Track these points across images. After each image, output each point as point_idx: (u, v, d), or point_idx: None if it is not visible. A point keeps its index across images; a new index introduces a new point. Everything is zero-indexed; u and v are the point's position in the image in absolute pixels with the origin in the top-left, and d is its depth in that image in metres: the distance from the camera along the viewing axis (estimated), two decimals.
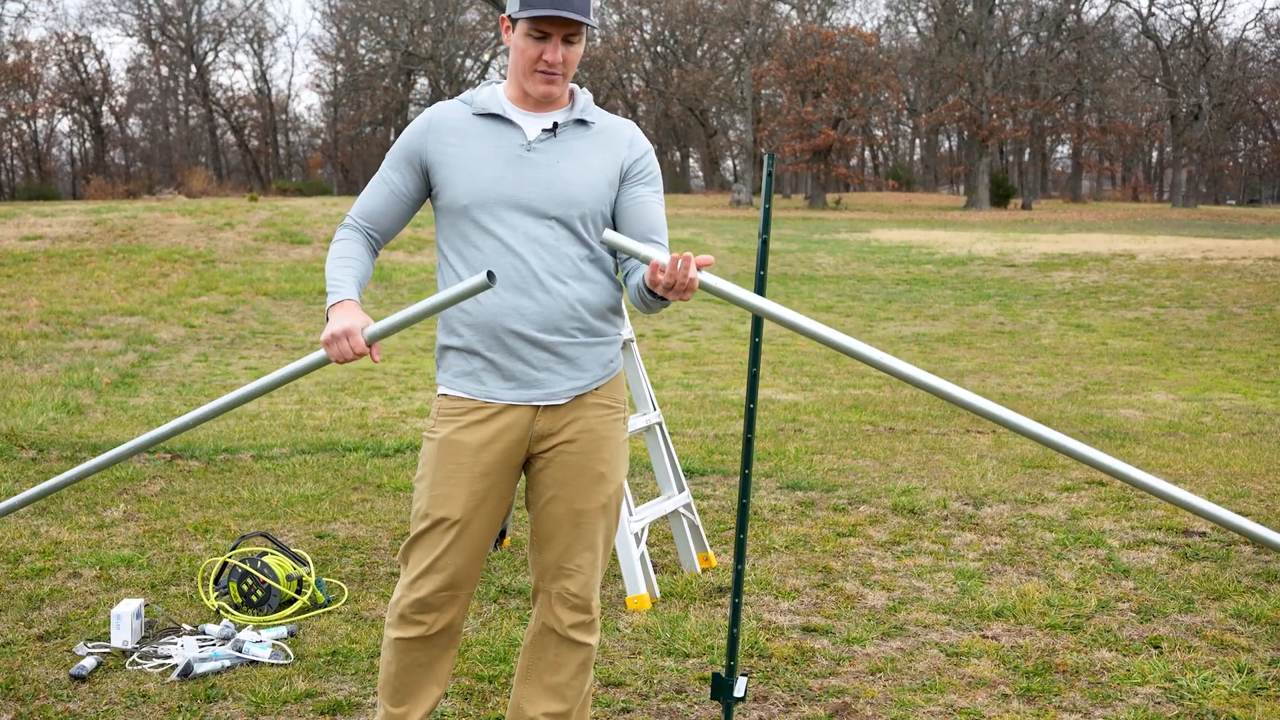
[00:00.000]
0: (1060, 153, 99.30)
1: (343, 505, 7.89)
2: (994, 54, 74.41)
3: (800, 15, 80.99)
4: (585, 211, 3.65)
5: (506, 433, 3.71)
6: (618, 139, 3.75)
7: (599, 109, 3.79)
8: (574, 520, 3.78)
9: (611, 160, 3.71)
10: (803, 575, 6.41)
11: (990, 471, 8.94)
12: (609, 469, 3.80)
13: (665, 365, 15.46)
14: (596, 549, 3.83)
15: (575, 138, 3.69)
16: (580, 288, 3.66)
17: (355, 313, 3.51)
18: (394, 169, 3.75)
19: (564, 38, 3.55)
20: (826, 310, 21.84)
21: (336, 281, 3.63)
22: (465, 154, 3.64)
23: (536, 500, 3.83)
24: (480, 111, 3.67)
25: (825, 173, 73.39)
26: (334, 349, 3.48)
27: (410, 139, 3.73)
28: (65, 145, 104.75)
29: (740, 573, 4.34)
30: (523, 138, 3.65)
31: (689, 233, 35.13)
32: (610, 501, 3.82)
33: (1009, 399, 12.80)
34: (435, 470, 3.74)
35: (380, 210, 3.78)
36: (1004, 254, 30.07)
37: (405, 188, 3.74)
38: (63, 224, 27.37)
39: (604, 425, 3.79)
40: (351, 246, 3.74)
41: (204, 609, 5.86)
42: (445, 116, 3.71)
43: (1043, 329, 19.64)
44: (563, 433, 3.75)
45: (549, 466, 3.78)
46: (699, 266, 3.30)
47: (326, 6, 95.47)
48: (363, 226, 3.79)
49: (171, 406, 12.12)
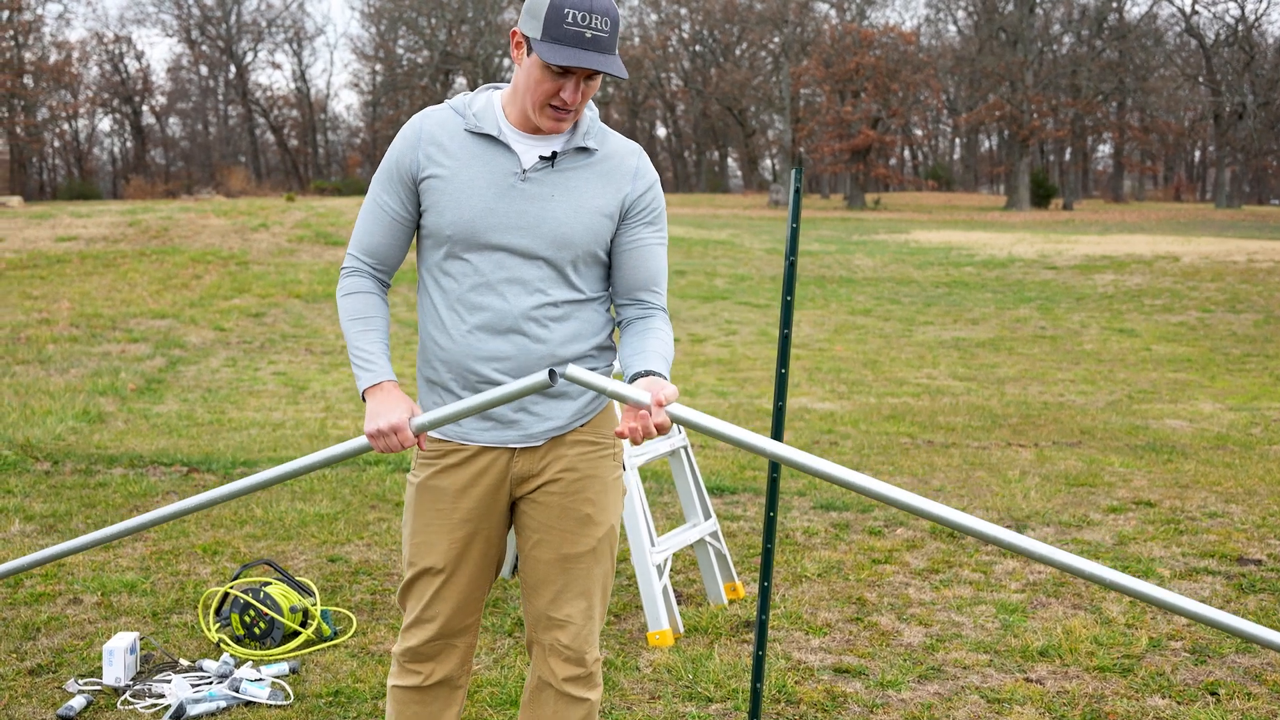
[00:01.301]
0: (1101, 152, 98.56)
1: (358, 526, 7.61)
2: (1035, 53, 73.73)
3: (839, 14, 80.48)
4: (578, 254, 3.34)
5: (484, 476, 3.43)
6: (621, 170, 3.40)
7: (603, 127, 3.43)
8: (561, 566, 3.48)
9: (613, 195, 3.38)
10: (835, 608, 6.08)
11: (1033, 490, 8.59)
12: (596, 509, 3.49)
13: (700, 371, 15.16)
14: (590, 597, 3.52)
15: (575, 167, 3.35)
16: (563, 330, 3.36)
17: (398, 401, 3.27)
18: (387, 192, 3.40)
19: (586, 76, 3.20)
20: (865, 314, 21.49)
21: (366, 356, 3.35)
22: (454, 178, 3.31)
23: (523, 546, 3.54)
24: (474, 129, 3.32)
25: (864, 173, 72.91)
26: (380, 444, 3.25)
27: (399, 155, 3.37)
28: (106, 145, 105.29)
29: (761, 658, 4.03)
30: (517, 165, 3.31)
31: (726, 234, 34.79)
32: (601, 545, 3.51)
33: (1051, 408, 12.46)
34: (415, 517, 3.49)
35: (382, 242, 3.44)
36: (1045, 256, 29.61)
37: (404, 211, 3.40)
38: (98, 225, 27.27)
39: (588, 463, 3.48)
40: (366, 301, 3.44)
41: (205, 641, 5.58)
42: (435, 130, 3.36)
43: (1085, 334, 19.24)
44: (544, 473, 3.45)
45: (532, 509, 3.49)
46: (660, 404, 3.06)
47: (365, 6, 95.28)
48: (368, 266, 3.47)
49: (195, 414, 11.90)
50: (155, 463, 9.42)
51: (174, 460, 9.48)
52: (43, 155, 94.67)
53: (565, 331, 3.35)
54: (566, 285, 3.34)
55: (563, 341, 3.35)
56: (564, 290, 3.34)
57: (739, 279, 25.36)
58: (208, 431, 10.99)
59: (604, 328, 3.46)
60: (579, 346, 3.38)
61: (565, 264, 3.32)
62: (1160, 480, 9.01)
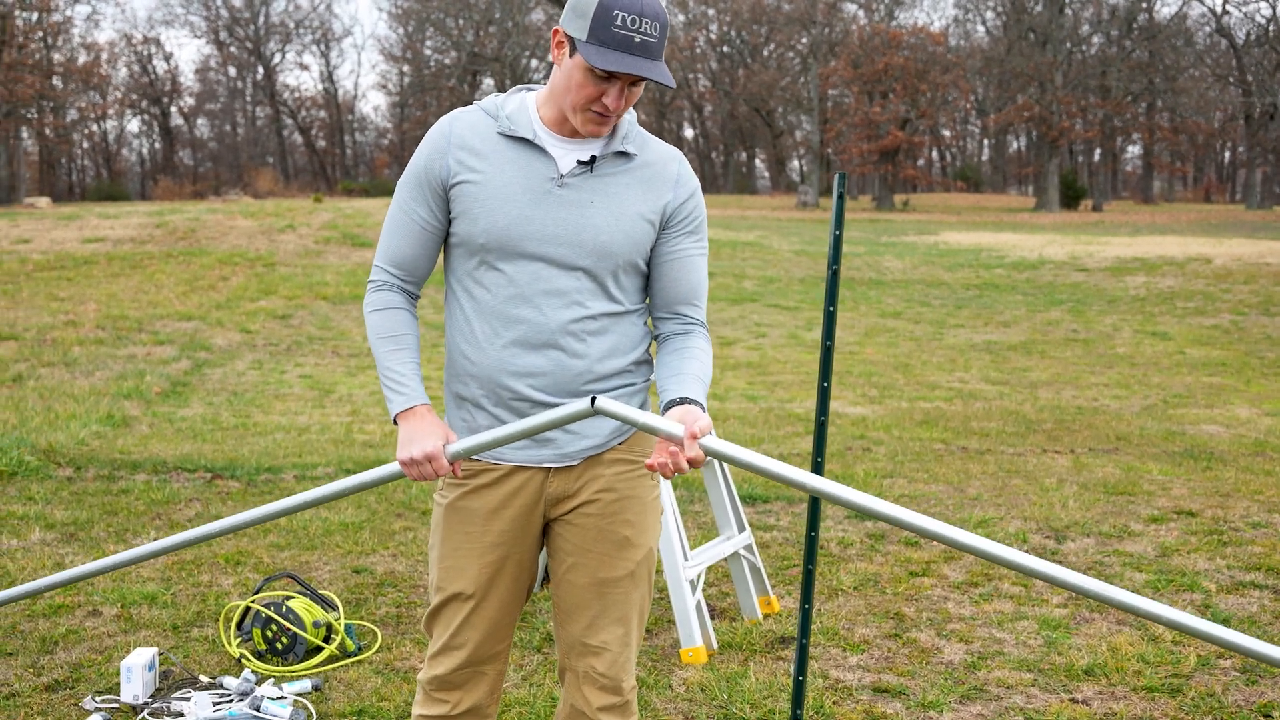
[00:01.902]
0: (1131, 153, 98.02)
1: (384, 535, 7.46)
2: (1064, 53, 73.36)
3: (868, 15, 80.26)
4: (618, 264, 3.17)
5: (517, 497, 3.26)
6: (662, 177, 3.22)
7: (641, 131, 3.26)
8: (598, 591, 3.30)
9: (654, 202, 3.20)
10: (873, 623, 5.90)
11: (1071, 499, 8.40)
12: (635, 532, 3.31)
13: (729, 375, 15.01)
14: (628, 623, 3.34)
15: (614, 172, 3.17)
16: (601, 345, 3.19)
17: (432, 427, 3.11)
18: (415, 200, 3.20)
19: (631, 81, 3.01)
20: (895, 316, 21.30)
21: (398, 378, 3.18)
22: (487, 184, 3.12)
23: (557, 569, 3.36)
24: (507, 132, 3.14)
25: (893, 174, 72.67)
26: (414, 472, 3.10)
27: (428, 160, 3.18)
28: (134, 146, 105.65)
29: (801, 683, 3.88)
30: (554, 170, 3.12)
31: (754, 235, 34.60)
32: (639, 569, 3.33)
33: (1086, 413, 12.27)
34: (444, 540, 3.32)
35: (411, 253, 3.24)
36: (1075, 257, 29.35)
37: (434, 219, 3.20)
38: (125, 226, 27.25)
39: (627, 483, 3.30)
40: (396, 318, 3.25)
41: (226, 655, 5.44)
42: (465, 134, 3.17)
43: (1117, 337, 19.03)
44: (580, 494, 3.28)
45: (567, 531, 3.31)
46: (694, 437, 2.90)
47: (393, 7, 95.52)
48: (396, 279, 3.27)
49: (220, 418, 11.79)
50: (179, 468, 9.31)
51: (198, 466, 9.36)
52: (71, 156, 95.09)
53: (603, 346, 3.19)
54: (605, 297, 3.18)
55: (601, 356, 3.18)
56: (602, 302, 3.17)
57: (767, 281, 25.19)
58: (232, 436, 10.88)
59: (642, 341, 3.29)
60: (617, 361, 3.21)
61: (605, 274, 3.16)
62: (1200, 489, 8.82)
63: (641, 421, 2.93)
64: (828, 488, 2.89)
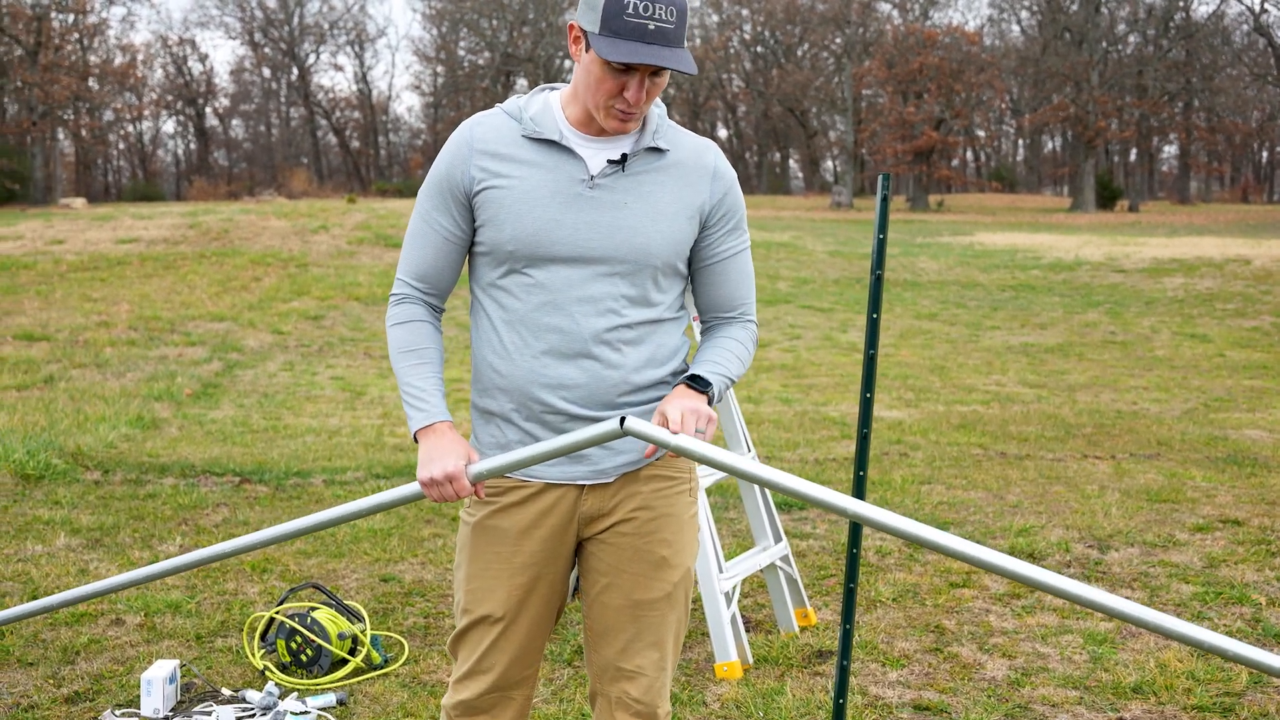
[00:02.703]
0: (1167, 153, 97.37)
1: (413, 542, 7.34)
2: (1100, 52, 72.87)
3: (902, 14, 79.92)
4: (657, 267, 3.02)
5: (549, 516, 3.11)
6: (698, 171, 3.07)
7: (673, 125, 3.10)
8: (633, 613, 3.15)
9: (690, 199, 3.05)
10: (913, 636, 5.74)
11: (1114, 507, 8.21)
12: (672, 551, 3.16)
13: (764, 378, 14.86)
14: (663, 646, 3.18)
15: (647, 170, 3.02)
16: (638, 355, 3.04)
17: (453, 445, 2.97)
18: (437, 209, 3.06)
19: (651, 72, 2.87)
20: (930, 318, 21.10)
21: (419, 394, 3.04)
22: (513, 188, 2.97)
23: (590, 590, 3.21)
24: (532, 134, 2.99)
25: (927, 174, 72.32)
26: (434, 493, 2.96)
27: (449, 167, 3.03)
28: (170, 147, 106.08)
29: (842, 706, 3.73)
30: (584, 171, 2.97)
31: (788, 235, 34.42)
32: (676, 590, 3.17)
33: (1125, 416, 12.07)
34: (471, 560, 3.17)
35: (434, 264, 3.11)
36: (1112, 258, 29.08)
37: (457, 228, 3.07)
38: (159, 226, 27.27)
39: (664, 500, 3.15)
40: (418, 331, 3.11)
41: (249, 667, 5.32)
42: (488, 138, 3.02)
43: (1156, 339, 18.80)
44: (615, 512, 3.13)
45: (601, 551, 3.16)
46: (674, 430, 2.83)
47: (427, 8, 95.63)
48: (419, 292, 3.14)
49: (250, 420, 11.71)
50: (207, 472, 9.22)
51: (226, 470, 9.27)
52: (107, 157, 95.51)
53: (640, 356, 3.04)
54: (643, 304, 3.03)
55: (637, 367, 3.04)
56: (639, 309, 3.03)
57: (802, 282, 25.02)
58: (262, 439, 10.79)
59: (680, 350, 3.15)
60: (654, 372, 3.07)
61: (643, 279, 3.01)
62: (1246, 496, 8.63)
63: (675, 444, 2.79)
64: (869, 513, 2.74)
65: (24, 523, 7.70)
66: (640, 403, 3.05)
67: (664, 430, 2.82)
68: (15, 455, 9.07)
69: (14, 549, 7.12)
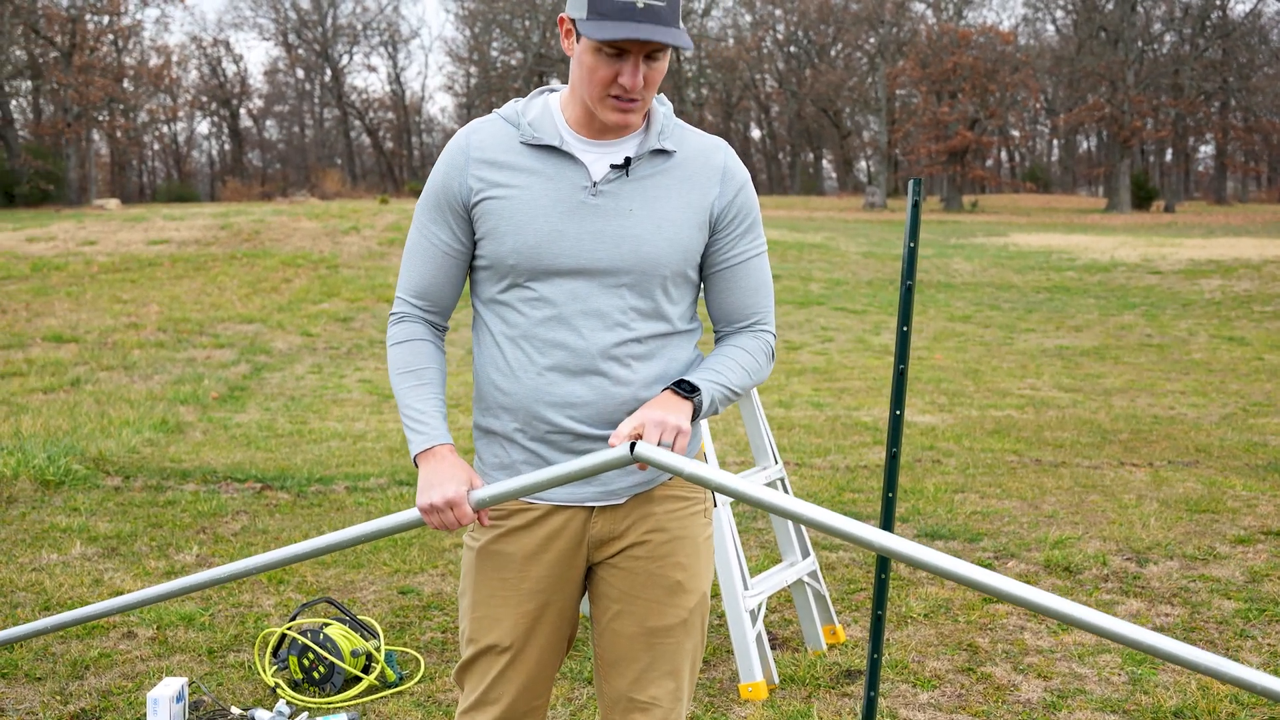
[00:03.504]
0: (1203, 153, 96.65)
1: (434, 552, 7.19)
2: (1135, 52, 72.38)
3: (936, 14, 79.57)
4: (666, 276, 2.85)
5: (556, 540, 2.95)
6: (707, 172, 2.90)
7: (681, 124, 2.94)
8: (647, 641, 2.97)
9: (699, 203, 2.88)
10: (944, 655, 5.55)
11: (1152, 517, 8.00)
12: (687, 576, 2.99)
13: (795, 381, 14.68)
14: (679, 676, 3.01)
15: (653, 173, 2.86)
16: (648, 370, 2.87)
17: (454, 470, 2.81)
18: (435, 222, 2.92)
19: (645, 54, 2.71)
20: (964, 320, 20.89)
21: (418, 415, 2.90)
22: (513, 199, 2.82)
23: (600, 617, 3.03)
24: (531, 141, 2.84)
25: (961, 174, 71.98)
26: (435, 520, 2.81)
27: (445, 177, 2.89)
28: (204, 147, 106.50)
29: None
30: (586, 178, 2.82)
31: (821, 237, 34.22)
32: (692, 616, 3.01)
33: (1163, 422, 11.85)
34: (476, 587, 3.00)
35: (434, 281, 2.96)
36: (1148, 260, 28.79)
37: (456, 242, 2.92)
38: (190, 228, 27.27)
39: (678, 522, 2.99)
40: (418, 350, 2.97)
41: (261, 684, 5.18)
42: (485, 146, 2.87)
43: (1193, 342, 18.54)
44: (627, 535, 2.96)
45: (613, 576, 2.99)
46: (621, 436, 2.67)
47: (460, 9, 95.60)
48: (420, 311, 2.99)
49: (275, 424, 11.60)
50: (229, 478, 9.10)
51: (248, 476, 9.15)
52: (142, 158, 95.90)
53: (650, 371, 2.87)
54: (653, 316, 2.87)
55: (647, 383, 2.87)
56: (649, 323, 2.86)
57: (834, 284, 24.83)
58: (287, 443, 10.67)
59: (693, 365, 2.97)
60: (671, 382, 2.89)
61: (652, 290, 2.85)
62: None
63: (689, 471, 2.63)
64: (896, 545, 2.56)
65: (41, 530, 7.60)
66: None
67: (678, 457, 2.65)
68: (36, 461, 8.97)
69: (29, 557, 7.01)
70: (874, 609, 3.61)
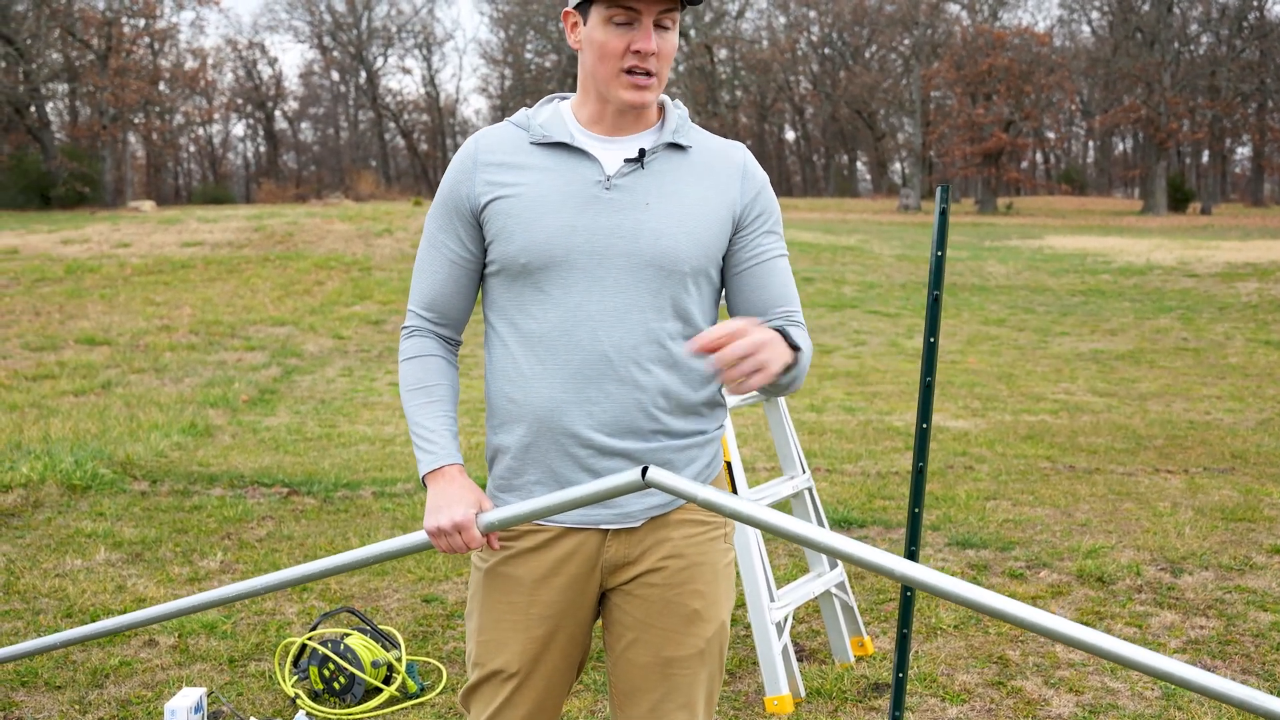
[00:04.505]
0: (1240, 154, 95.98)
1: (459, 560, 7.12)
2: (1172, 53, 71.92)
3: (971, 15, 79.24)
4: (687, 272, 2.76)
5: (568, 563, 2.84)
6: (727, 169, 2.83)
7: (696, 127, 2.87)
8: (663, 671, 2.86)
9: (719, 199, 2.80)
10: (974, 669, 5.45)
11: (1187, 526, 7.88)
12: (706, 604, 2.88)
13: (827, 385, 14.57)
14: (694, 708, 2.90)
15: (670, 168, 2.78)
16: (667, 377, 2.77)
17: (463, 492, 2.74)
18: (443, 230, 2.84)
19: (656, 20, 2.65)
20: (998, 324, 20.74)
21: (426, 434, 2.82)
22: (522, 196, 2.74)
23: (614, 645, 2.93)
24: (541, 140, 2.77)
25: (996, 176, 71.68)
26: (443, 543, 2.74)
27: (453, 185, 2.82)
28: (239, 149, 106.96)
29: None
30: (599, 172, 2.74)
31: (855, 239, 34.08)
32: (710, 646, 2.89)
33: (1198, 428, 11.70)
34: (483, 610, 2.91)
35: (444, 291, 2.87)
36: (1184, 263, 28.56)
37: (465, 250, 2.84)
38: (224, 230, 27.33)
39: (696, 548, 2.87)
40: (429, 366, 2.88)
41: (281, 694, 5.13)
42: (494, 147, 2.80)
43: (1229, 346, 18.34)
44: (643, 560, 2.85)
45: (628, 602, 2.88)
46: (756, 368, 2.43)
47: (494, 11, 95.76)
48: (430, 324, 2.91)
49: (305, 428, 11.56)
50: (256, 483, 9.07)
51: (275, 480, 9.12)
52: (177, 160, 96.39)
53: (671, 375, 2.78)
54: (673, 316, 2.77)
55: (668, 390, 2.77)
56: (669, 321, 2.76)
57: (868, 286, 24.70)
58: (315, 447, 10.63)
59: (715, 377, 2.85)
60: (687, 396, 2.81)
61: (673, 288, 2.75)
62: None
63: (703, 498, 2.54)
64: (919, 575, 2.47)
65: (66, 535, 7.57)
66: (665, 429, 2.80)
67: (691, 483, 2.56)
68: (63, 465, 8.95)
69: (53, 563, 6.99)
70: (899, 628, 3.53)
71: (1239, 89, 74.76)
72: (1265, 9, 75.96)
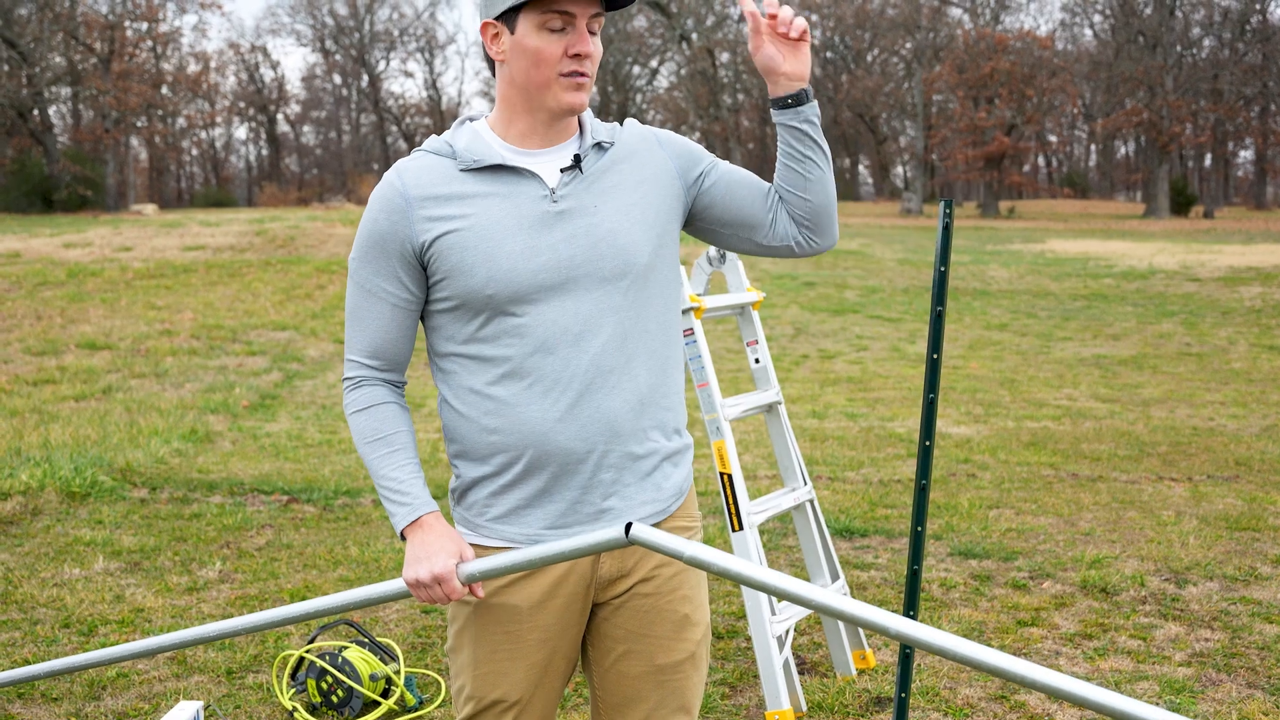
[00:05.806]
0: (1243, 158, 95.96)
1: None
2: (1174, 56, 71.85)
3: (973, 19, 79.19)
4: (648, 262, 2.76)
5: (564, 584, 2.81)
6: (645, 148, 2.85)
7: (600, 121, 2.86)
8: (656, 679, 2.86)
9: (654, 178, 2.82)
10: (977, 681, 5.40)
11: (1192, 536, 7.84)
12: (693, 608, 2.89)
13: (829, 391, 14.53)
14: (690, 711, 2.91)
15: (602, 167, 2.78)
16: (649, 377, 2.77)
17: (443, 542, 2.69)
18: (382, 275, 2.74)
19: (589, 16, 2.67)
20: (1000, 328, 20.69)
21: (395, 485, 2.75)
22: (473, 227, 2.68)
23: (602, 659, 2.91)
24: (472, 166, 2.71)
25: (998, 180, 71.63)
26: (423, 595, 2.71)
27: (388, 226, 2.72)
28: (242, 153, 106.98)
29: None
30: (542, 187, 2.71)
31: (858, 243, 34.04)
32: (699, 650, 2.91)
33: (1202, 434, 11.65)
34: (477, 643, 2.85)
35: (386, 337, 2.79)
36: (1187, 267, 28.51)
37: (406, 292, 2.76)
38: (225, 234, 27.31)
39: None
40: (383, 415, 2.80)
41: (278, 707, 5.09)
42: (422, 181, 2.73)
43: (1233, 351, 18.29)
44: (635, 571, 2.84)
45: (619, 616, 2.86)
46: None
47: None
48: (375, 372, 2.82)
49: (305, 434, 11.54)
50: (256, 490, 9.04)
51: (275, 488, 9.09)
52: (180, 163, 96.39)
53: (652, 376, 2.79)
54: (644, 310, 2.77)
55: (650, 385, 2.78)
56: (642, 319, 2.77)
57: (870, 291, 24.66)
58: (316, 454, 10.60)
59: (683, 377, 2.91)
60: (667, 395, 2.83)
61: (639, 279, 2.74)
62: None
63: (689, 555, 2.54)
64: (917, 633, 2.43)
65: (65, 544, 7.55)
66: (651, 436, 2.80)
67: (677, 539, 2.57)
68: (62, 472, 8.93)
69: (51, 572, 6.96)
70: (901, 647, 3.48)
71: (1242, 92, 74.66)
72: (1268, 12, 75.87)
